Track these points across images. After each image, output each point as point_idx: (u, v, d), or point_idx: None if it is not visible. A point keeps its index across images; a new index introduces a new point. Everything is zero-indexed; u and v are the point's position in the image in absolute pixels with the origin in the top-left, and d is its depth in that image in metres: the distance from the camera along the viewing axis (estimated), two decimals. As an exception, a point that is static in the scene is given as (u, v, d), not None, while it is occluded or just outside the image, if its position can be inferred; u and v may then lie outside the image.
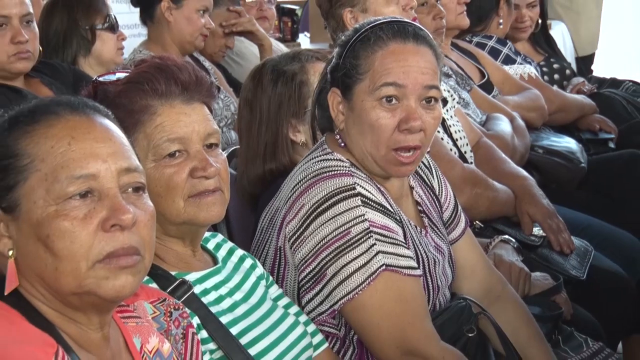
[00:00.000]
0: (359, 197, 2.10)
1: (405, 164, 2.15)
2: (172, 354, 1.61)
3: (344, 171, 2.14)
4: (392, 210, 2.16)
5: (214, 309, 1.85)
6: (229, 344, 1.82)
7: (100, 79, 1.90)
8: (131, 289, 1.46)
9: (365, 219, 2.08)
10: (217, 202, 1.87)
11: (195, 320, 1.77)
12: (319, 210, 2.09)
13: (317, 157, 2.20)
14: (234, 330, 1.86)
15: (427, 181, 2.40)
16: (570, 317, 2.69)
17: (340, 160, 2.17)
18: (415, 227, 2.25)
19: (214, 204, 1.86)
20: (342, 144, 2.20)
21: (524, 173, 3.22)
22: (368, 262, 2.07)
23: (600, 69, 5.32)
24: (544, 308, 2.57)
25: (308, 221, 2.10)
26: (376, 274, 2.06)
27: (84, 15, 3.64)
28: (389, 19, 2.22)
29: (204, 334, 1.79)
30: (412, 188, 2.32)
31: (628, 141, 4.22)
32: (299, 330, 1.99)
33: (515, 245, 2.81)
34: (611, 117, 4.31)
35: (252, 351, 1.86)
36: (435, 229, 2.33)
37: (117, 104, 1.77)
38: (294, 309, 2.05)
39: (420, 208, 2.32)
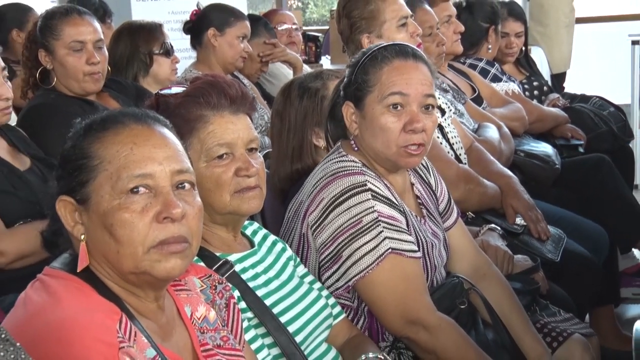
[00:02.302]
0: (369, 192, 2.09)
1: (413, 155, 2.15)
2: (217, 320, 1.61)
3: (356, 170, 2.14)
4: (397, 202, 2.15)
5: (251, 284, 1.85)
6: (264, 313, 1.83)
7: (162, 92, 1.90)
8: (179, 271, 1.46)
9: (375, 210, 2.08)
10: (257, 196, 1.87)
11: (236, 293, 1.77)
12: (335, 203, 2.09)
13: (334, 158, 2.20)
14: (267, 302, 1.86)
15: (425, 179, 2.40)
16: (546, 292, 2.68)
17: (353, 161, 2.17)
18: (416, 216, 2.24)
19: (254, 198, 1.86)
20: (356, 148, 2.20)
21: (509, 172, 3.21)
22: (377, 246, 2.07)
23: (572, 86, 5.32)
24: (525, 284, 2.56)
25: (327, 212, 2.10)
26: (384, 256, 2.06)
27: (144, 43, 3.67)
28: (391, 43, 2.24)
29: (242, 304, 1.79)
30: (412, 184, 2.32)
31: (595, 147, 4.21)
32: (321, 302, 1.99)
33: (500, 233, 2.80)
34: (581, 126, 4.31)
35: (283, 319, 1.86)
36: (432, 218, 2.33)
37: (176, 113, 1.77)
38: (317, 284, 2.05)
39: (419, 201, 2.32)
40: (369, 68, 2.15)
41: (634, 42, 5.82)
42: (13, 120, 2.99)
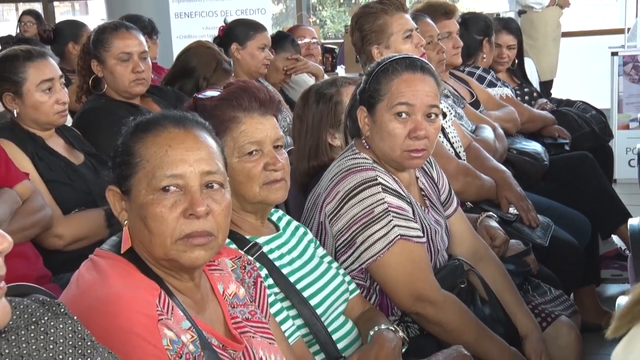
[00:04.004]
0: (380, 185, 2.08)
1: (415, 158, 2.14)
2: (246, 297, 1.60)
3: (368, 166, 2.12)
4: (404, 194, 2.13)
5: (277, 263, 1.85)
6: (289, 288, 1.82)
7: (199, 96, 1.88)
8: (203, 260, 1.45)
9: (385, 202, 2.06)
10: (282, 188, 1.86)
11: (264, 272, 1.77)
12: (350, 195, 2.07)
13: (348, 156, 2.18)
14: (292, 279, 1.85)
15: (429, 173, 2.38)
16: (537, 272, 2.66)
17: (365, 158, 2.15)
18: (421, 206, 2.22)
19: (280, 189, 1.85)
20: (367, 147, 2.18)
21: (503, 167, 3.18)
22: (387, 233, 2.05)
23: (558, 92, 5.30)
24: (518, 266, 2.54)
25: (342, 203, 2.08)
26: (393, 242, 2.05)
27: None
28: (403, 55, 2.21)
29: (270, 281, 1.78)
30: (417, 178, 2.30)
31: (579, 145, 4.17)
32: (339, 279, 1.98)
33: (496, 220, 2.77)
34: (566, 127, 4.27)
35: (305, 294, 1.86)
36: (435, 207, 2.31)
37: (212, 114, 1.75)
38: (335, 264, 2.03)
39: (423, 193, 2.30)
40: (381, 78, 2.14)
41: (613, 54, 5.79)
42: (69, 121, 3.00)
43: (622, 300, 2.00)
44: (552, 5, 6.20)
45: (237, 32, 3.99)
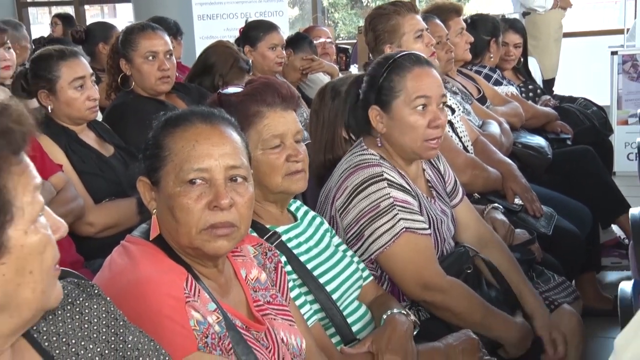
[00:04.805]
0: (386, 181, 2.06)
1: (434, 148, 2.15)
2: (267, 281, 1.60)
3: (374, 162, 2.11)
4: (409, 188, 2.12)
5: (295, 251, 1.84)
6: (306, 275, 1.82)
7: (223, 92, 1.87)
8: (226, 250, 1.44)
9: (391, 196, 2.05)
10: (303, 178, 1.85)
11: (282, 259, 1.75)
12: (357, 190, 2.06)
13: (357, 152, 2.17)
14: (309, 266, 1.85)
15: (435, 165, 2.37)
16: (541, 260, 2.64)
17: (372, 154, 2.14)
18: (427, 197, 2.21)
19: (301, 180, 1.84)
20: (380, 144, 2.16)
21: (509, 160, 3.16)
22: (393, 226, 2.03)
23: (560, 90, 5.27)
24: (523, 254, 2.51)
25: (350, 198, 2.07)
26: (399, 234, 2.03)
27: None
28: (405, 52, 2.20)
29: (288, 268, 1.77)
30: (424, 170, 2.29)
31: (580, 140, 4.13)
32: (353, 267, 1.97)
33: (502, 210, 2.75)
34: (569, 123, 4.24)
35: (322, 280, 1.85)
36: (441, 197, 2.30)
37: (237, 109, 1.75)
38: (349, 252, 2.03)
39: (430, 184, 2.29)
40: (393, 76, 2.12)
41: (612, 53, 5.76)
42: (99, 117, 3.01)
43: (624, 285, 1.99)
44: (555, 7, 6.17)
45: (249, 34, 3.98)
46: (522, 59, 4.45)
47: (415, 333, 1.88)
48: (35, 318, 1.03)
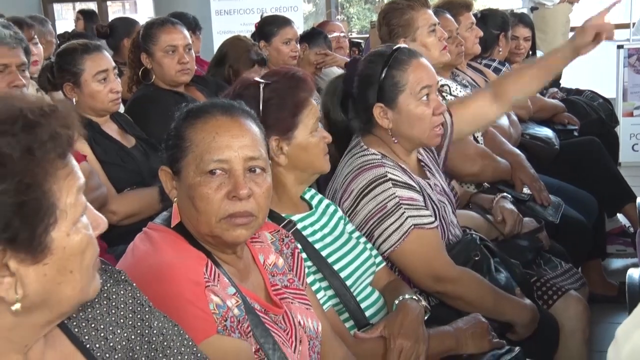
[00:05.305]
0: (390, 181, 2.03)
1: (440, 134, 2.15)
2: (284, 266, 1.60)
3: (377, 163, 2.07)
4: (413, 183, 2.09)
5: (310, 239, 1.84)
6: (320, 261, 1.81)
7: (264, 81, 1.84)
8: (244, 238, 1.44)
9: (396, 196, 2.02)
10: (328, 159, 1.89)
11: (298, 246, 1.75)
12: (363, 193, 2.04)
13: (357, 153, 2.13)
14: (323, 253, 1.84)
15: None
16: (548, 248, 2.62)
17: (374, 154, 2.10)
18: (424, 180, 2.17)
19: (328, 160, 1.89)
20: (394, 140, 2.12)
21: (517, 151, 3.15)
22: (402, 224, 2.01)
23: (567, 82, 5.22)
24: (531, 242, 2.51)
25: (357, 201, 2.05)
26: (408, 232, 2.01)
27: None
28: (392, 46, 2.16)
29: (303, 255, 1.76)
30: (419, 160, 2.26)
31: (587, 131, 4.10)
32: (366, 253, 1.96)
33: (511, 200, 2.73)
34: (575, 115, 4.21)
35: (336, 267, 1.85)
36: (433, 173, 2.27)
37: (288, 94, 1.78)
38: (363, 239, 2.01)
39: (422, 163, 2.25)
40: (394, 72, 2.09)
41: (618, 47, 5.70)
42: (121, 109, 3.01)
43: (632, 272, 1.97)
44: (562, 2, 6.10)
45: (264, 29, 3.97)
46: (530, 53, 4.41)
47: (426, 317, 1.88)
48: (73, 310, 1.04)
